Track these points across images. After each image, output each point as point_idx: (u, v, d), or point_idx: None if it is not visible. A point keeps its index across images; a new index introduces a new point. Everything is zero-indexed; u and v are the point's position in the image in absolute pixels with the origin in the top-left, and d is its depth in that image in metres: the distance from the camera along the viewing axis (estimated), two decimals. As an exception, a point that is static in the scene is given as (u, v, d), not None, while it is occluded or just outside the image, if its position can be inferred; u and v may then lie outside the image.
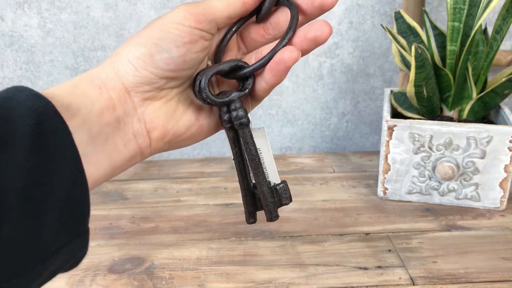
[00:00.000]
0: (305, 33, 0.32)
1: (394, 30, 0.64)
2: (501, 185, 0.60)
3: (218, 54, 0.34)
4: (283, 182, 0.34)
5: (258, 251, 0.54)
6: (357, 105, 0.80)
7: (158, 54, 0.30)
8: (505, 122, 0.61)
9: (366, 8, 0.75)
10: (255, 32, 0.35)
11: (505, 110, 0.62)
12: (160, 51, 0.30)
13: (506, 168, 0.59)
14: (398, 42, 0.62)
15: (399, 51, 0.65)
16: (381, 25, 0.66)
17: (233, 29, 0.34)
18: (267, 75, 0.33)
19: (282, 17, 0.34)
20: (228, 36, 0.34)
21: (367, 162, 0.74)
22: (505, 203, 0.61)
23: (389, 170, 0.62)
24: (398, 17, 0.64)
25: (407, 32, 0.64)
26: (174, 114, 0.33)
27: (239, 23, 0.34)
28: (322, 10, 0.33)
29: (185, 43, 0.31)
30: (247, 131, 0.33)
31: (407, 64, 0.65)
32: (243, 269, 0.51)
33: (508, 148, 0.58)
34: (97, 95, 0.30)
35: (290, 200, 0.34)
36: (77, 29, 0.74)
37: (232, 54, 0.35)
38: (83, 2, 0.73)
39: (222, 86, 0.36)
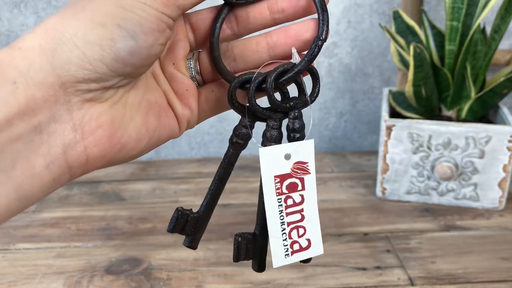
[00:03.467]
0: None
1: (393, 30, 0.64)
2: (500, 185, 0.60)
3: (213, 45, 0.28)
4: None
5: (256, 251, 0.53)
6: (356, 104, 0.80)
7: (122, 40, 0.22)
8: (503, 122, 0.61)
9: (364, 7, 0.75)
10: (257, 9, 0.28)
11: (504, 109, 0.62)
12: (125, 36, 0.22)
13: (505, 168, 0.59)
14: (396, 41, 0.62)
15: (398, 51, 0.65)
16: (380, 24, 0.66)
17: (225, 11, 0.28)
18: None
19: None
20: (219, 20, 0.28)
21: (366, 162, 0.74)
22: (503, 203, 0.60)
23: (388, 170, 0.62)
24: (397, 16, 0.64)
25: (406, 31, 0.64)
26: (122, 122, 0.25)
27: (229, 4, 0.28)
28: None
29: (153, 31, 0.23)
30: None
31: (405, 64, 0.65)
32: (241, 270, 0.51)
33: (507, 147, 0.58)
34: (6, 95, 0.20)
35: None
36: (74, 29, 0.74)
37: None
38: (80, 2, 0.72)
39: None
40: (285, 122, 0.29)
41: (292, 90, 0.28)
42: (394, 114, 0.65)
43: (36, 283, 0.49)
